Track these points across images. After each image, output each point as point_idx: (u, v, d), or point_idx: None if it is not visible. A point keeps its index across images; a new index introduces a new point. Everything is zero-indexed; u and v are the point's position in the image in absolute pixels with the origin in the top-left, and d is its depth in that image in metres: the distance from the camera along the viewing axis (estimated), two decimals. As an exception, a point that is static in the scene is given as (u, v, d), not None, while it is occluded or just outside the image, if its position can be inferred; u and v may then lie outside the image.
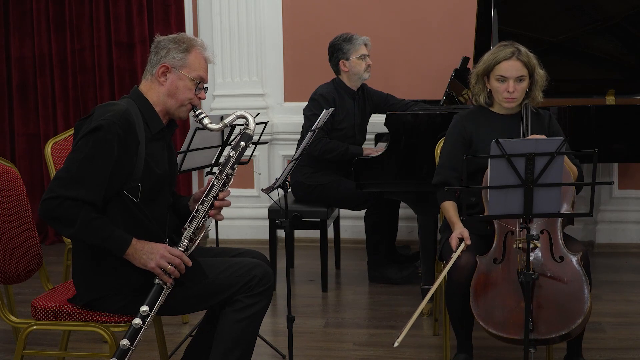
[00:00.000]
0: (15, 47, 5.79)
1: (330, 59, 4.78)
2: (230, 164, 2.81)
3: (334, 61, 4.75)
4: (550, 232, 3.12)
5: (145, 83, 2.84)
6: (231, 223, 5.62)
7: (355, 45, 4.70)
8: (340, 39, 4.73)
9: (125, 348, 2.64)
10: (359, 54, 4.70)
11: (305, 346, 3.81)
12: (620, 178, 5.41)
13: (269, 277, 2.85)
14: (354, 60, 4.70)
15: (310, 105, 4.67)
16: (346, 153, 4.57)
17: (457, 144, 3.41)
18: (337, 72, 4.78)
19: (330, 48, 4.77)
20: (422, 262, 4.21)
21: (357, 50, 4.70)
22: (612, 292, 4.50)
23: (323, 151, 4.58)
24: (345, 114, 4.70)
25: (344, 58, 4.70)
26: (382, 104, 4.92)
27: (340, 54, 4.71)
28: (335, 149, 4.59)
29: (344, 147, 4.60)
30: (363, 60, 4.71)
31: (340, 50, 4.71)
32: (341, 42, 4.71)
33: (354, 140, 4.77)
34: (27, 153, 5.89)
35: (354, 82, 4.76)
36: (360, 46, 4.71)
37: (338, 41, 4.73)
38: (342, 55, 4.70)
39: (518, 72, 3.27)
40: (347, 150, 4.58)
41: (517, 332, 2.96)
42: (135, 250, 2.66)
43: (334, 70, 4.79)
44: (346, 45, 4.70)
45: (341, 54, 4.70)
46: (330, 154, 4.59)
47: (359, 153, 4.56)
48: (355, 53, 4.70)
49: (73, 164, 2.63)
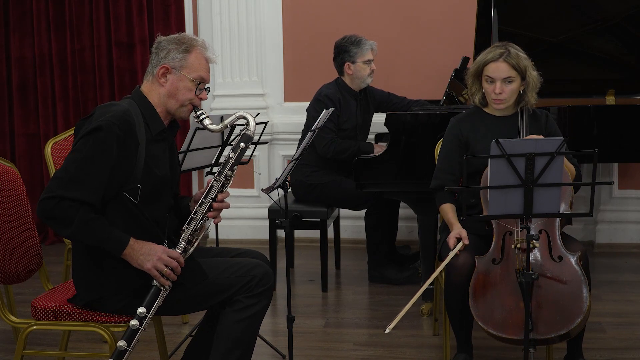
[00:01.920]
0: (15, 47, 5.79)
1: (335, 59, 4.75)
2: (229, 165, 2.80)
3: (339, 62, 4.72)
4: (548, 232, 3.12)
5: (146, 84, 2.84)
6: (231, 223, 5.62)
7: (363, 49, 4.67)
8: (349, 41, 4.69)
9: (122, 349, 2.64)
10: (365, 58, 4.68)
11: (305, 346, 3.81)
12: (620, 178, 5.41)
13: (269, 277, 2.84)
14: (360, 64, 4.67)
15: (315, 106, 4.64)
16: (359, 151, 4.56)
17: (453, 147, 3.41)
18: (340, 73, 4.76)
19: (337, 48, 4.74)
20: (422, 262, 4.21)
21: (364, 54, 4.68)
22: (612, 292, 4.50)
23: (336, 152, 4.59)
24: (349, 115, 4.71)
25: (350, 61, 4.67)
26: (384, 103, 4.93)
27: (347, 57, 4.68)
28: (348, 148, 4.59)
29: (356, 146, 4.60)
30: (368, 65, 4.70)
31: (347, 52, 4.67)
32: (349, 45, 4.67)
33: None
34: (27, 153, 5.89)
35: (356, 85, 4.75)
36: (367, 51, 4.68)
37: (346, 43, 4.69)
38: (348, 58, 4.68)
39: (505, 74, 3.27)
40: (359, 149, 4.59)
41: (517, 332, 2.96)
42: (132, 251, 2.66)
43: (338, 71, 4.77)
44: (354, 49, 4.67)
45: (348, 56, 4.68)
46: (343, 154, 4.59)
47: (370, 150, 4.57)
48: (362, 57, 4.67)
49: (72, 164, 2.63)
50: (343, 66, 4.71)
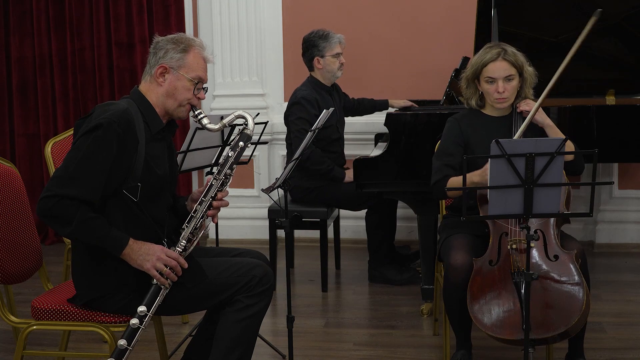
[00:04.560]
0: (15, 47, 5.79)
1: (304, 55, 4.76)
2: (228, 164, 2.81)
3: (308, 57, 4.74)
4: (544, 231, 3.13)
5: (144, 83, 2.84)
6: (231, 223, 5.62)
7: (331, 43, 4.68)
8: (316, 36, 4.70)
9: (122, 348, 2.64)
10: (334, 52, 4.69)
11: (305, 346, 3.81)
12: (620, 178, 5.41)
13: (269, 277, 2.85)
14: (329, 58, 4.69)
15: (294, 110, 4.60)
16: (328, 173, 4.54)
17: (454, 145, 3.40)
18: (310, 69, 4.77)
19: (305, 43, 4.75)
20: (422, 262, 4.21)
21: (333, 48, 4.69)
22: (612, 292, 4.50)
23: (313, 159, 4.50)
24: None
25: (319, 55, 4.69)
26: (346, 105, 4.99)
27: (315, 51, 4.69)
28: (323, 162, 4.54)
29: (331, 166, 4.55)
30: (337, 59, 4.71)
31: (315, 47, 4.69)
32: (316, 39, 4.69)
33: (339, 136, 4.77)
34: (27, 153, 5.90)
35: (328, 80, 4.76)
36: (335, 44, 4.69)
37: (314, 37, 4.71)
38: (317, 52, 4.69)
39: (506, 72, 3.28)
40: (331, 171, 4.55)
41: (515, 332, 2.96)
42: (132, 251, 2.66)
43: (307, 67, 4.78)
44: (322, 43, 4.68)
45: (316, 50, 4.69)
46: (317, 165, 4.52)
47: (341, 178, 4.56)
48: (331, 51, 4.68)
49: (71, 162, 2.63)
50: (312, 61, 4.72)
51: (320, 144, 4.62)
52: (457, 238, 3.27)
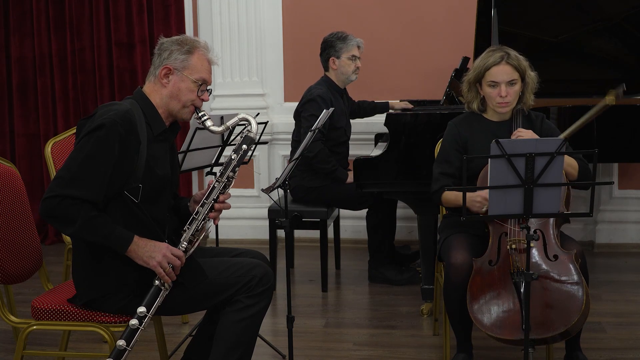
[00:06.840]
0: (15, 47, 5.79)
1: (322, 54, 4.80)
2: (231, 167, 2.81)
3: (325, 57, 4.77)
4: (543, 231, 3.13)
5: (148, 84, 2.84)
6: (231, 223, 5.62)
7: (349, 45, 4.71)
8: (335, 37, 4.74)
9: (121, 349, 2.64)
10: (350, 54, 4.71)
11: (305, 346, 3.81)
12: (620, 178, 5.41)
13: (269, 277, 2.85)
14: (345, 59, 4.71)
15: (308, 107, 4.63)
16: (332, 172, 4.58)
17: (453, 151, 3.40)
18: (325, 69, 4.80)
19: (323, 43, 4.79)
20: (422, 262, 4.21)
21: (349, 50, 4.71)
22: (612, 292, 4.50)
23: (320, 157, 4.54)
24: (340, 114, 4.72)
25: (335, 56, 4.71)
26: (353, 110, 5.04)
27: (332, 51, 4.72)
28: (329, 162, 4.57)
29: (335, 166, 4.59)
30: (353, 62, 4.72)
31: (332, 47, 4.72)
32: (335, 40, 4.72)
33: (346, 139, 4.80)
34: (27, 153, 5.90)
35: (341, 82, 4.78)
36: (353, 47, 4.72)
37: (332, 38, 4.75)
38: (333, 53, 4.72)
39: (509, 76, 3.27)
40: (335, 171, 4.59)
41: (515, 333, 2.96)
42: (137, 247, 2.66)
43: (323, 66, 4.81)
44: (339, 44, 4.71)
45: (333, 51, 4.71)
46: (322, 164, 4.56)
47: (344, 179, 4.59)
48: (347, 53, 4.71)
49: (74, 162, 2.63)
50: (328, 61, 4.74)
51: (328, 144, 4.64)
52: (457, 238, 3.27)
